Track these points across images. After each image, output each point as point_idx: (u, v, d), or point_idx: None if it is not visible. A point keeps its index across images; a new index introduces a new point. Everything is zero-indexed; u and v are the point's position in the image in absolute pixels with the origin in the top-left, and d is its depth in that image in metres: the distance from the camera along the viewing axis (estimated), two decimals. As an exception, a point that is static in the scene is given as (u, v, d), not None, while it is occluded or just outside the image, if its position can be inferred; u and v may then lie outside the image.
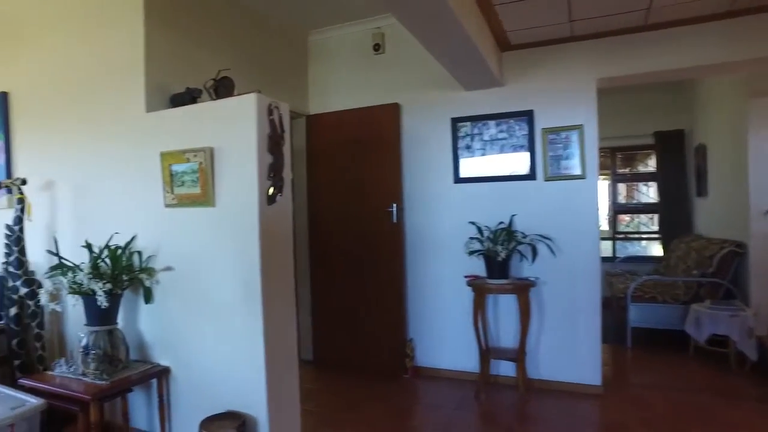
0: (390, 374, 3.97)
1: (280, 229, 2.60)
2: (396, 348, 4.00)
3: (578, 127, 3.56)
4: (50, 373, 2.68)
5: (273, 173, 2.50)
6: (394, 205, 3.98)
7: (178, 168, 2.62)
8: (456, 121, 3.90)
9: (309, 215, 4.34)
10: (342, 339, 4.21)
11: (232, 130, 2.51)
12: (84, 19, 3.14)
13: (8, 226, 3.01)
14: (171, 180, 2.66)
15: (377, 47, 4.13)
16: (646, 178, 7.03)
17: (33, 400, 2.52)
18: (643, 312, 4.66)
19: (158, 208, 2.77)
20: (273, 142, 2.51)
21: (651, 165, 6.84)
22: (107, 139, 3.04)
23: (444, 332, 3.98)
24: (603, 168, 6.80)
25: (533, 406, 3.42)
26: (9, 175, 3.50)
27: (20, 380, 2.66)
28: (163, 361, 2.80)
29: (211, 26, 3.33)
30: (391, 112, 4.02)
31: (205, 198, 2.55)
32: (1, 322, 3.18)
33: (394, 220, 3.98)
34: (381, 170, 4.04)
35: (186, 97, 2.78)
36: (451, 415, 3.28)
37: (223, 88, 2.69)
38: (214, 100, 2.65)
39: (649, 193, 6.99)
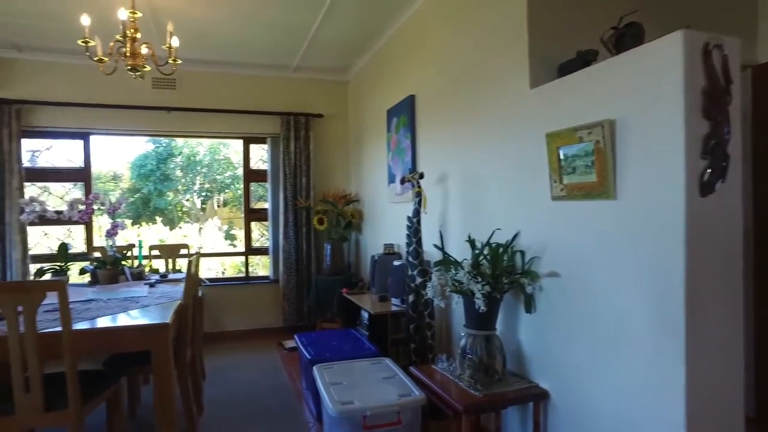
0: None
1: (719, 230, 1.69)
2: None
3: None
4: (434, 367, 2.64)
5: (710, 148, 1.64)
6: None
7: (567, 151, 2.09)
8: None
9: (754, 210, 3.01)
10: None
11: (642, 93, 1.78)
12: (469, 8, 3.02)
13: (409, 218, 3.22)
14: (559, 166, 2.15)
15: None
16: None
17: (417, 393, 2.55)
18: None
19: (544, 201, 2.32)
20: (711, 100, 1.64)
21: None
22: (489, 126, 2.82)
23: None
24: None
25: None
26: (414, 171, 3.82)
27: (411, 368, 2.74)
28: (542, 383, 2.36)
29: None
30: None
31: (603, 188, 1.92)
32: (403, 305, 3.47)
33: None
34: None
35: (577, 63, 2.23)
36: None
37: (628, 38, 1.99)
38: (615, 55, 1.98)
39: None
